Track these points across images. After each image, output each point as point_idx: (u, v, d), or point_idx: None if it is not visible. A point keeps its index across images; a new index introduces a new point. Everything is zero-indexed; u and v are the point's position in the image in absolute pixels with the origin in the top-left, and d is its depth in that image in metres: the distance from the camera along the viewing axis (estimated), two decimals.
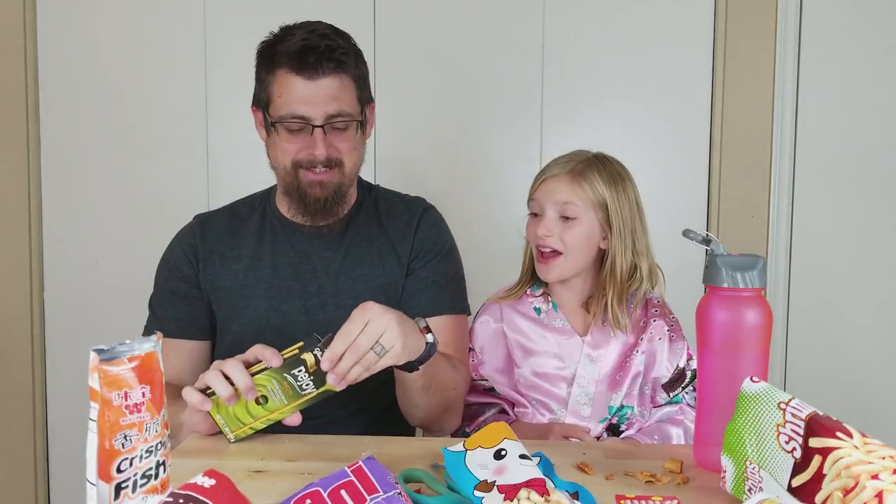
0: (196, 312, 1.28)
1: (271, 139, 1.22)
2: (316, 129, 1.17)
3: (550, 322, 1.30)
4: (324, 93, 1.16)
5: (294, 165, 1.20)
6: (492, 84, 2.08)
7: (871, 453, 0.66)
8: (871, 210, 2.06)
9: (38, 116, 2.12)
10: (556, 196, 1.24)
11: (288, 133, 1.18)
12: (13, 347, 2.13)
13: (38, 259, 2.14)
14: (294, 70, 1.15)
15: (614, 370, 1.27)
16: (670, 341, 1.29)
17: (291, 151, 1.19)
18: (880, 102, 2.04)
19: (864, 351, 2.09)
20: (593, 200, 1.24)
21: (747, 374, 0.82)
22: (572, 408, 1.26)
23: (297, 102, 1.16)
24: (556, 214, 1.25)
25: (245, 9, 2.08)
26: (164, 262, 1.31)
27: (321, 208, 1.23)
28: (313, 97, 1.16)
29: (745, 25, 2.04)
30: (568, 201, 1.24)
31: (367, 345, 0.95)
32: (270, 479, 0.87)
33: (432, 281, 1.29)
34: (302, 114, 1.16)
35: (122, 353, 0.65)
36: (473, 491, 0.79)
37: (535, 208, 1.28)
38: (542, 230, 1.24)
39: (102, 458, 0.63)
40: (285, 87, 1.16)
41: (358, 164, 1.26)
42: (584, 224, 1.24)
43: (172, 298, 1.28)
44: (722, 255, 0.91)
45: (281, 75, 1.17)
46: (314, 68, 1.15)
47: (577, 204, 1.23)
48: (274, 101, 1.18)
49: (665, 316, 1.32)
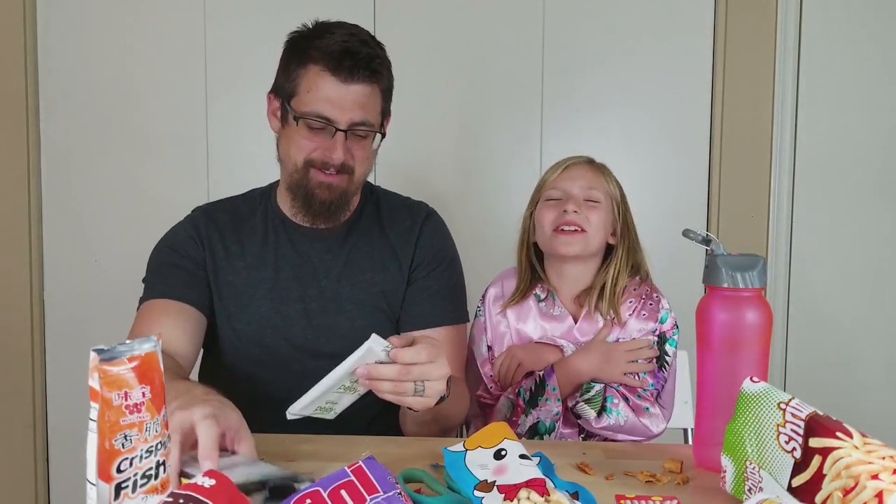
0: (201, 287, 1.23)
1: (286, 131, 1.21)
2: (338, 133, 1.16)
3: (549, 311, 1.33)
4: (353, 99, 1.15)
5: (306, 164, 1.19)
6: (492, 84, 2.08)
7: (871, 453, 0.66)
8: (870, 210, 2.07)
9: (39, 116, 2.12)
10: (582, 181, 1.31)
11: (308, 130, 1.17)
12: (13, 347, 2.13)
13: (38, 259, 2.14)
14: (329, 69, 1.14)
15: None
16: (637, 318, 1.30)
17: (307, 149, 1.18)
18: (880, 102, 2.04)
19: (864, 351, 2.09)
20: (610, 192, 1.32)
21: (747, 374, 0.82)
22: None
23: (326, 103, 1.15)
24: (582, 197, 1.30)
25: (245, 9, 2.08)
26: (164, 244, 1.27)
27: (325, 210, 1.22)
28: (342, 101, 1.15)
29: (745, 26, 2.04)
30: (593, 186, 1.31)
31: (417, 376, 0.91)
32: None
33: (434, 291, 1.28)
34: (328, 115, 1.15)
35: (123, 353, 0.65)
36: (473, 491, 0.79)
37: (555, 195, 1.31)
38: (570, 206, 1.28)
39: (102, 458, 0.63)
40: (316, 84, 1.15)
41: (367, 174, 1.26)
42: (604, 210, 1.31)
43: (174, 270, 1.23)
44: (722, 255, 0.91)
45: (314, 71, 1.16)
46: (350, 73, 1.14)
47: (599, 189, 1.31)
48: (300, 94, 1.17)
49: (640, 295, 1.32)
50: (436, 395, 0.94)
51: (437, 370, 0.93)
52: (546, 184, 1.34)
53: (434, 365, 0.92)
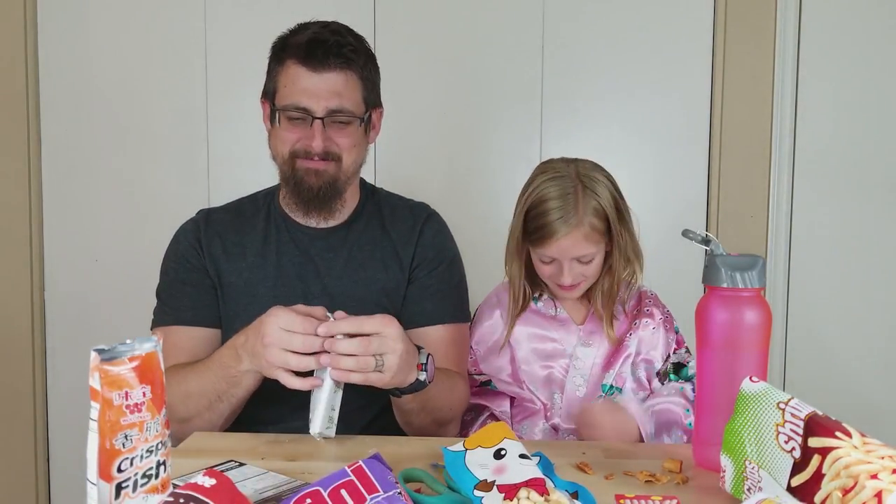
0: (210, 300, 1.27)
1: (273, 130, 1.24)
2: (315, 122, 1.18)
3: (547, 311, 1.33)
4: (327, 87, 1.18)
5: (291, 155, 1.21)
6: (492, 84, 2.08)
7: (871, 453, 0.66)
8: (870, 210, 2.06)
9: (39, 116, 2.12)
10: (573, 252, 1.23)
11: (288, 122, 1.20)
12: (13, 347, 2.13)
13: (38, 258, 2.14)
14: (300, 61, 1.17)
15: (609, 352, 1.30)
16: (665, 330, 1.32)
17: (290, 141, 1.21)
18: (880, 102, 2.04)
19: (864, 351, 2.09)
20: (603, 235, 1.25)
21: (746, 373, 0.82)
22: (569, 388, 1.28)
23: (301, 93, 1.18)
24: (576, 262, 1.25)
25: (245, 9, 2.08)
26: (171, 254, 1.31)
27: (314, 197, 1.23)
28: (316, 89, 1.17)
29: (744, 25, 2.03)
30: (586, 251, 1.24)
31: (374, 349, 0.96)
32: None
33: (435, 290, 1.29)
34: (304, 105, 1.18)
35: (123, 352, 0.65)
36: (473, 490, 0.79)
37: (546, 259, 1.27)
38: (567, 279, 1.24)
39: (103, 458, 0.63)
40: (291, 77, 1.18)
41: (358, 163, 1.26)
42: (598, 255, 1.26)
43: (184, 288, 1.27)
44: (721, 255, 0.92)
45: (289, 66, 1.19)
46: (320, 61, 1.17)
47: (592, 246, 1.24)
48: (279, 90, 1.20)
49: (659, 306, 1.35)
50: (394, 369, 0.97)
51: (392, 342, 0.97)
52: (535, 244, 1.26)
53: (389, 337, 0.97)
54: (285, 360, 0.96)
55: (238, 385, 1.06)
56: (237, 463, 0.91)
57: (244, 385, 1.06)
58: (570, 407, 1.27)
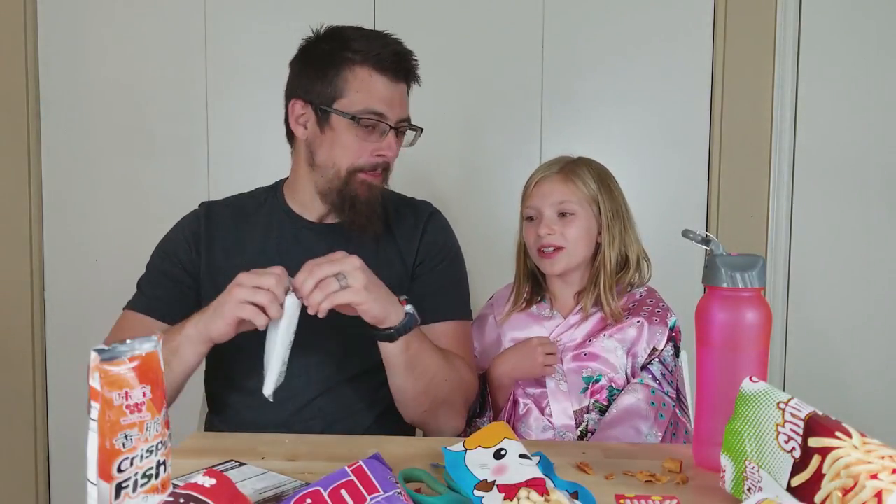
0: (181, 298, 1.26)
1: (327, 136, 1.22)
2: (391, 130, 1.22)
3: (541, 313, 1.35)
4: (400, 97, 1.23)
5: (353, 170, 1.22)
6: (492, 84, 2.08)
7: (871, 453, 0.66)
8: (870, 210, 2.06)
9: (39, 116, 2.12)
10: (552, 196, 1.30)
11: (360, 129, 1.20)
12: (14, 347, 2.13)
13: (38, 259, 2.14)
14: (380, 70, 1.20)
15: (577, 346, 1.30)
16: (650, 325, 1.29)
17: (356, 152, 1.21)
18: (879, 102, 2.04)
19: (863, 351, 2.09)
20: (587, 195, 1.30)
21: (746, 373, 0.82)
22: (550, 384, 1.28)
23: (379, 100, 1.20)
24: (555, 213, 1.30)
25: (245, 9, 2.07)
26: (162, 244, 1.32)
27: (366, 209, 1.23)
28: (393, 98, 1.21)
29: (744, 26, 2.04)
30: (564, 199, 1.29)
31: (328, 271, 0.98)
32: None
33: (438, 286, 1.29)
34: (382, 111, 1.20)
35: (123, 352, 0.65)
36: (473, 490, 0.79)
37: (531, 213, 1.32)
38: (543, 230, 1.28)
39: (103, 458, 0.63)
40: (367, 83, 1.20)
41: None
42: (581, 218, 1.29)
43: (163, 280, 1.27)
44: (721, 255, 0.92)
45: (363, 72, 1.20)
46: (403, 73, 1.22)
47: (572, 200, 1.29)
48: (349, 95, 1.20)
49: (645, 304, 1.33)
50: (361, 285, 0.99)
51: (350, 264, 1.00)
52: (523, 198, 1.35)
53: (347, 262, 1.00)
54: (253, 294, 0.98)
55: (175, 353, 1.05)
56: (237, 463, 0.91)
57: (182, 355, 1.05)
58: (556, 401, 1.28)
